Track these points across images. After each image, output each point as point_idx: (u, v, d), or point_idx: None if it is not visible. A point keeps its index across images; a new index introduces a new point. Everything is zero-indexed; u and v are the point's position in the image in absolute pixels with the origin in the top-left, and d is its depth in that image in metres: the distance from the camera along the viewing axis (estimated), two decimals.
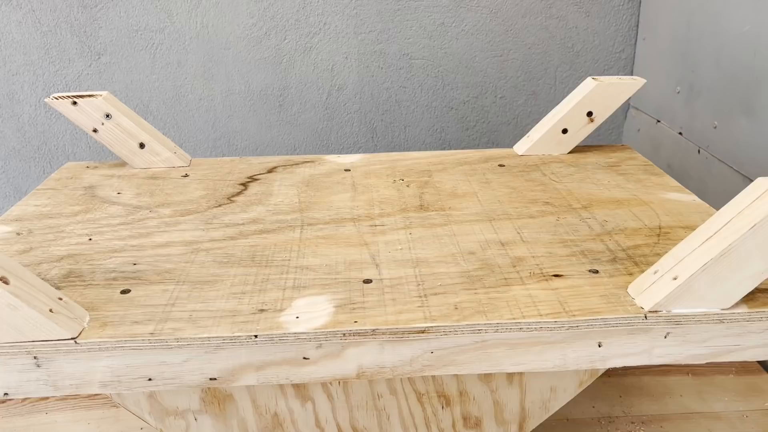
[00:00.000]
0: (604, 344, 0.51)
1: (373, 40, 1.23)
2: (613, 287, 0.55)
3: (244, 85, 1.25)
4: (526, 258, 0.60)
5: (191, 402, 0.58)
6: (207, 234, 0.66)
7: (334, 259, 0.60)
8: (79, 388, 0.50)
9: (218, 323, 0.50)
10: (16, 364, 0.49)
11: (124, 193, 0.76)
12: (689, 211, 0.69)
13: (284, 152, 1.31)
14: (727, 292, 0.50)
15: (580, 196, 0.74)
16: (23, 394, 0.50)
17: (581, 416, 0.75)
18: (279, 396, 0.58)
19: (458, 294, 0.54)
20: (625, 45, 1.25)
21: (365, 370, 0.51)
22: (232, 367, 0.50)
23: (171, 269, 0.59)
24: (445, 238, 0.64)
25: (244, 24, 1.21)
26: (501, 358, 0.51)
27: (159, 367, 0.50)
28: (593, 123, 0.86)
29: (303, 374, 0.51)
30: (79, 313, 0.51)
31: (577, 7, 1.22)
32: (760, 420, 0.73)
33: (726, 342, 0.52)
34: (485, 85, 1.27)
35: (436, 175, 0.81)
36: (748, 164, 0.89)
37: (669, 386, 0.79)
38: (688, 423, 0.73)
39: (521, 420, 0.61)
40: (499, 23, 1.23)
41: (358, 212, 0.71)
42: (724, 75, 0.94)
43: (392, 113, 1.29)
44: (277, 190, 0.77)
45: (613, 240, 0.63)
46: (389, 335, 0.50)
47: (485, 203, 0.72)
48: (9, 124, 1.26)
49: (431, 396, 0.59)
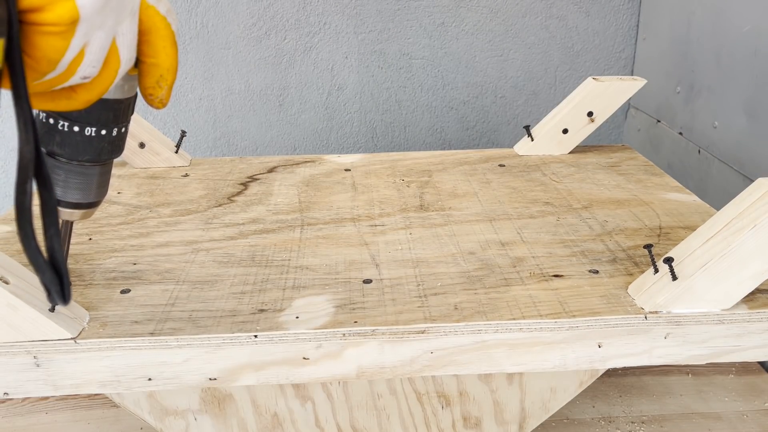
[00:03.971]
0: (604, 345, 0.51)
1: (373, 40, 1.23)
2: (613, 287, 0.55)
3: (244, 85, 1.25)
4: (526, 258, 0.60)
5: (191, 402, 0.58)
6: (207, 234, 0.66)
7: (334, 259, 0.60)
8: (78, 388, 0.50)
9: (218, 323, 0.50)
10: (15, 363, 0.49)
11: (124, 193, 0.76)
12: (689, 211, 0.69)
13: (284, 152, 1.31)
14: (728, 293, 0.50)
15: (580, 196, 0.74)
16: (23, 393, 0.50)
17: (581, 416, 0.75)
18: (279, 396, 0.58)
19: (458, 294, 0.54)
20: (625, 45, 1.25)
21: (365, 370, 0.51)
22: (232, 367, 0.50)
23: (171, 269, 0.59)
24: (445, 238, 0.64)
25: (244, 24, 1.21)
26: (501, 359, 0.51)
27: (159, 367, 0.50)
28: (593, 123, 0.86)
29: (303, 374, 0.51)
30: (79, 313, 0.51)
31: (577, 7, 1.22)
32: (760, 420, 0.73)
33: (726, 342, 0.52)
34: (485, 85, 1.27)
35: (436, 175, 0.81)
36: (748, 164, 0.89)
37: (669, 386, 0.79)
38: (688, 423, 0.73)
39: (521, 420, 0.61)
40: (499, 23, 1.23)
41: (358, 212, 0.71)
42: (724, 75, 0.94)
43: (392, 113, 1.29)
44: (277, 190, 0.77)
45: (614, 240, 0.63)
46: (389, 335, 0.50)
47: (485, 203, 0.72)
48: (9, 124, 1.26)
49: (431, 396, 0.59)
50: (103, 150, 0.43)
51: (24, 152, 0.30)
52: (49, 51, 0.31)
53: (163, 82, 0.40)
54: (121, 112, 0.43)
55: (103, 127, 0.42)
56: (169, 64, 0.40)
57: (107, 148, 0.43)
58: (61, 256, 0.32)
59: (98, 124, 0.42)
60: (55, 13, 0.30)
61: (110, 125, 0.42)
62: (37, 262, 0.31)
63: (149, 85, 0.40)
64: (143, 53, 0.39)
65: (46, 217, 0.32)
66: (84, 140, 0.42)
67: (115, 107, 0.42)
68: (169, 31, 0.39)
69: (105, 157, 0.44)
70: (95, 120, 0.42)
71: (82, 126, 0.41)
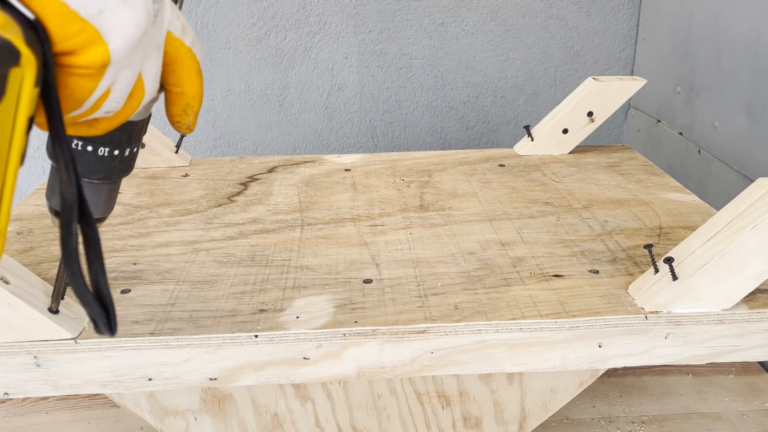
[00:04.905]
0: (604, 344, 0.51)
1: (373, 40, 1.23)
2: (614, 287, 0.55)
3: (244, 85, 1.25)
4: (527, 258, 0.60)
5: (191, 402, 0.58)
6: (207, 234, 0.66)
7: (334, 259, 0.60)
8: (79, 388, 0.50)
9: (218, 323, 0.50)
10: (16, 363, 0.49)
11: (123, 193, 0.76)
12: (689, 211, 0.69)
13: (284, 152, 1.31)
14: (728, 293, 0.50)
15: (580, 196, 0.74)
16: (23, 394, 0.50)
17: (581, 416, 0.75)
18: (279, 396, 0.58)
19: (458, 294, 0.54)
20: (625, 45, 1.25)
21: (365, 370, 0.51)
22: (232, 367, 0.50)
23: (171, 269, 0.59)
24: (445, 238, 0.64)
25: (244, 24, 1.21)
26: (501, 359, 0.51)
27: (159, 367, 0.50)
28: (593, 123, 0.86)
29: (303, 374, 0.51)
30: (80, 313, 0.51)
31: (577, 7, 1.22)
32: (760, 420, 0.73)
33: (726, 342, 0.52)
34: (485, 85, 1.27)
35: (436, 175, 0.81)
36: (748, 164, 0.89)
37: (669, 386, 0.79)
38: (688, 423, 0.73)
39: (521, 420, 0.61)
40: (499, 23, 1.23)
41: (358, 212, 0.71)
42: (724, 75, 0.94)
43: (392, 113, 1.29)
44: (277, 190, 0.77)
45: (614, 240, 0.63)
46: (389, 335, 0.50)
47: (485, 203, 0.72)
48: None
49: (431, 396, 0.59)
50: (114, 169, 0.44)
51: (67, 194, 0.31)
52: (78, 92, 0.32)
53: (190, 109, 0.41)
54: (135, 133, 0.43)
55: (116, 148, 0.43)
56: (195, 92, 0.40)
57: (118, 167, 0.44)
58: (107, 290, 0.33)
59: (112, 144, 0.42)
60: (88, 57, 0.30)
61: (123, 146, 0.43)
62: (85, 298, 0.32)
63: (176, 113, 0.41)
64: (169, 83, 0.40)
65: (89, 252, 0.33)
66: (96, 159, 0.42)
67: (129, 129, 0.43)
68: (194, 62, 0.40)
69: (115, 176, 0.44)
70: (109, 141, 0.42)
71: (96, 146, 0.42)
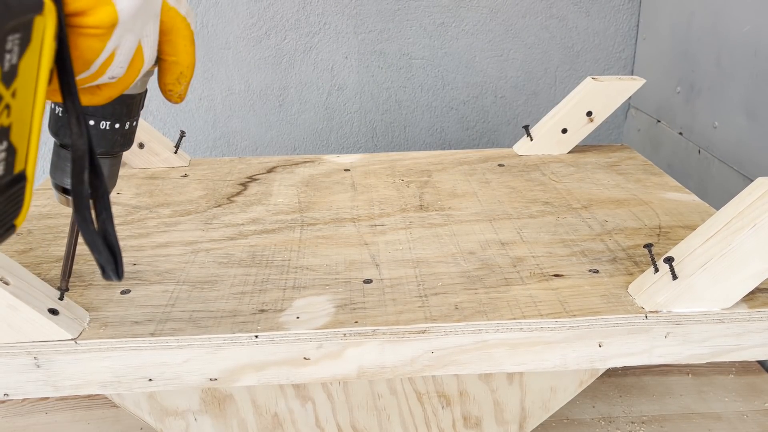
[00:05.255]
0: (604, 344, 0.51)
1: (373, 40, 1.23)
2: (614, 287, 0.55)
3: (244, 85, 1.25)
4: (527, 258, 0.60)
5: (191, 402, 0.58)
6: (207, 234, 0.66)
7: (334, 259, 0.60)
8: (79, 388, 0.50)
9: (218, 323, 0.50)
10: (16, 364, 0.49)
11: (123, 193, 0.76)
12: (689, 211, 0.69)
13: (284, 152, 1.31)
14: (728, 292, 0.50)
15: (580, 196, 0.74)
16: (23, 394, 0.50)
17: (581, 416, 0.75)
18: (279, 396, 0.58)
19: (458, 294, 0.54)
20: (625, 45, 1.25)
21: (366, 370, 0.51)
22: (233, 368, 0.50)
23: (171, 269, 0.59)
24: (445, 238, 0.64)
25: (244, 24, 1.21)
26: (501, 358, 0.51)
27: (159, 368, 0.50)
28: (593, 123, 0.86)
29: (303, 374, 0.51)
30: (80, 314, 0.51)
31: (577, 7, 1.22)
32: (760, 420, 0.73)
33: (726, 341, 0.52)
34: (485, 85, 1.27)
35: (435, 175, 0.81)
36: (748, 164, 0.89)
37: (669, 386, 0.79)
38: (688, 423, 0.73)
39: (521, 420, 0.61)
40: (499, 23, 1.23)
41: (358, 212, 0.71)
42: (724, 75, 0.94)
43: (392, 113, 1.29)
44: (277, 190, 0.77)
45: (613, 240, 0.63)
46: (390, 335, 0.50)
47: (485, 203, 0.72)
48: None
49: (431, 396, 0.59)
50: (116, 143, 0.45)
51: (78, 144, 0.33)
52: (87, 52, 0.33)
53: (183, 78, 0.43)
54: (134, 106, 0.45)
55: (117, 121, 0.44)
56: (188, 62, 0.42)
57: (120, 141, 0.46)
58: (115, 237, 0.35)
59: (113, 117, 0.44)
60: (97, 17, 0.32)
61: (123, 119, 0.45)
62: (94, 243, 0.34)
63: (169, 81, 0.43)
64: (164, 52, 0.41)
65: (98, 202, 0.35)
66: (98, 133, 0.44)
67: (129, 102, 0.44)
68: (189, 31, 0.41)
69: (117, 150, 0.46)
70: (110, 114, 0.44)
71: (98, 120, 0.44)
